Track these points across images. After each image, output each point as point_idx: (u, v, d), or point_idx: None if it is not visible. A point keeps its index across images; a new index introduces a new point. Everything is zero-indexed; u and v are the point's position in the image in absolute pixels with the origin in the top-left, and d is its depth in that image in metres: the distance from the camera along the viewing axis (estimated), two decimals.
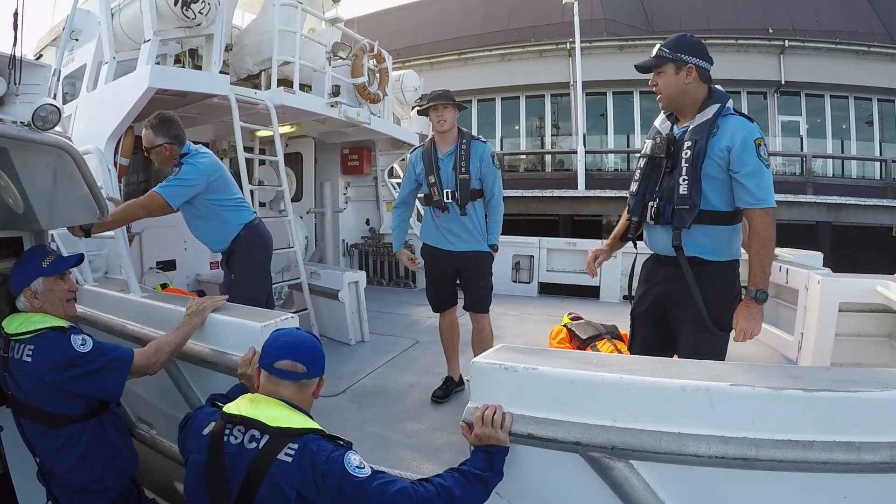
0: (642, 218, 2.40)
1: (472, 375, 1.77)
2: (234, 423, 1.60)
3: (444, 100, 3.32)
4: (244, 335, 2.25)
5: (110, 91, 3.94)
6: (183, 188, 3.04)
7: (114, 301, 3.02)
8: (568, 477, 1.68)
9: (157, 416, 3.01)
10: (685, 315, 2.29)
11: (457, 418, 3.24)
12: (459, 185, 3.34)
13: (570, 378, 1.65)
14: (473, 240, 3.44)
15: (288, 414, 1.61)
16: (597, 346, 4.28)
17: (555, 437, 1.61)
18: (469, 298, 3.54)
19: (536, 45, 17.41)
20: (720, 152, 2.14)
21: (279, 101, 4.77)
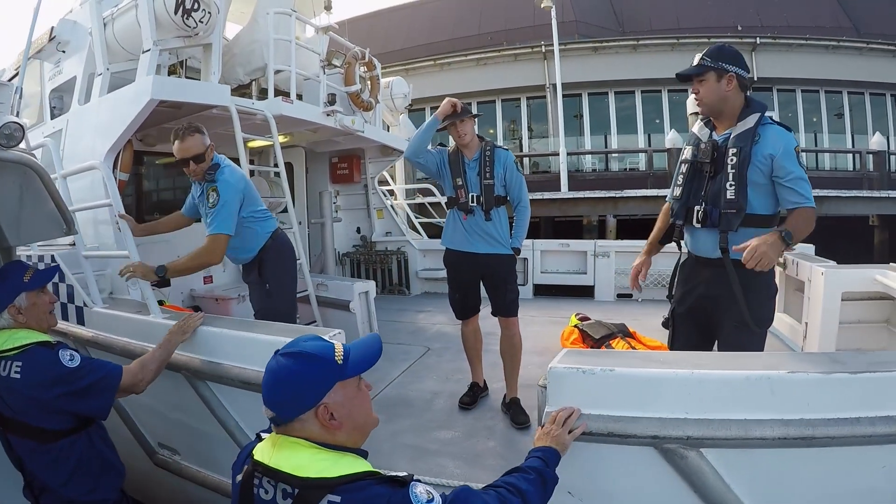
0: (687, 221, 2.45)
1: (549, 381, 1.80)
2: (260, 472, 1.31)
3: (460, 116, 3.32)
4: None
5: (107, 103, 3.79)
6: (232, 214, 2.98)
7: (132, 324, 2.89)
8: (641, 471, 1.77)
9: (182, 440, 2.89)
10: (726, 314, 2.37)
11: (489, 424, 3.41)
12: (484, 191, 3.37)
13: (645, 376, 1.75)
14: (498, 244, 3.43)
15: (318, 458, 1.27)
16: (611, 345, 4.32)
17: (633, 433, 1.69)
18: (498, 303, 3.51)
19: (511, 48, 17.56)
20: (764, 160, 2.22)
21: (278, 110, 4.67)
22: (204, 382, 2.48)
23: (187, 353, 2.52)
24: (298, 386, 1.30)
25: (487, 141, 3.51)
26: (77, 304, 3.37)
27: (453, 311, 3.68)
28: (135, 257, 2.89)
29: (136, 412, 3.09)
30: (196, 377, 2.48)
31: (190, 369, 2.49)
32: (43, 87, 4.80)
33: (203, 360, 2.46)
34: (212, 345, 2.48)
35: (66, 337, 3.39)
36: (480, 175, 3.38)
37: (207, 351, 2.48)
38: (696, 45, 16.38)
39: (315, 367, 1.32)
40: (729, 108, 2.31)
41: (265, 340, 2.29)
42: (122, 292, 3.61)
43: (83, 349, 3.28)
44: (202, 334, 2.54)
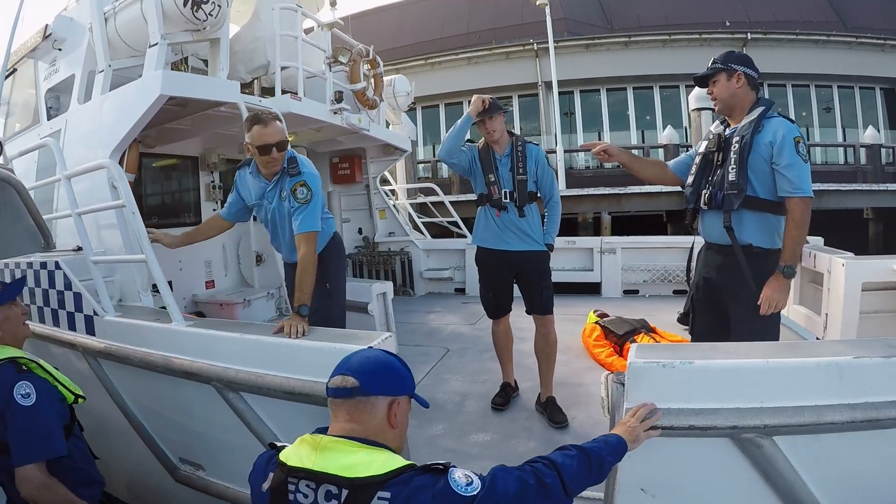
0: (697, 204, 2.64)
1: (628, 377, 1.78)
2: (297, 476, 1.28)
3: (490, 113, 3.25)
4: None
5: (111, 101, 3.61)
6: (319, 207, 2.81)
7: (152, 333, 2.71)
8: (715, 463, 1.78)
9: (207, 455, 2.73)
10: (737, 300, 2.50)
11: (525, 424, 3.33)
12: (518, 186, 3.31)
13: (723, 368, 1.75)
14: (531, 240, 3.36)
15: (364, 456, 1.28)
16: (636, 341, 4.28)
17: (713, 425, 1.69)
18: (533, 301, 3.43)
19: (503, 47, 17.44)
20: (764, 147, 2.39)
21: (286, 108, 4.51)
22: (238, 394, 2.31)
23: (218, 363, 2.36)
24: (395, 375, 1.43)
25: (518, 136, 3.44)
26: (86, 313, 3.18)
27: (485, 310, 3.60)
28: (153, 262, 2.71)
29: (155, 426, 2.92)
30: (229, 388, 2.32)
31: (222, 380, 2.33)
32: (38, 87, 4.59)
33: (238, 369, 2.29)
34: (248, 353, 2.32)
35: (73, 348, 3.21)
36: (513, 170, 3.32)
37: (243, 360, 2.31)
38: (687, 42, 16.49)
39: (406, 373, 1.47)
40: (739, 104, 2.51)
41: (314, 347, 2.16)
42: (132, 300, 3.43)
43: (93, 360, 3.10)
44: (235, 343, 2.38)
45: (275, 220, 2.93)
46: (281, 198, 2.83)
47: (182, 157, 5.79)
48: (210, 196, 6.04)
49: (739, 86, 2.50)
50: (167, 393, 2.69)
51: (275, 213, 2.90)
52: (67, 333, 3.30)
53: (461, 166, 3.40)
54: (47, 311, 3.52)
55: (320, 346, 2.15)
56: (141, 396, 2.93)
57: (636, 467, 1.78)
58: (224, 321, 2.64)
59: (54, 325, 3.45)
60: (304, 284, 2.59)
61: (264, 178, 2.86)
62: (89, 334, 3.15)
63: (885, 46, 16.69)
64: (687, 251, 6.78)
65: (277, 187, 2.83)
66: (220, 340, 2.44)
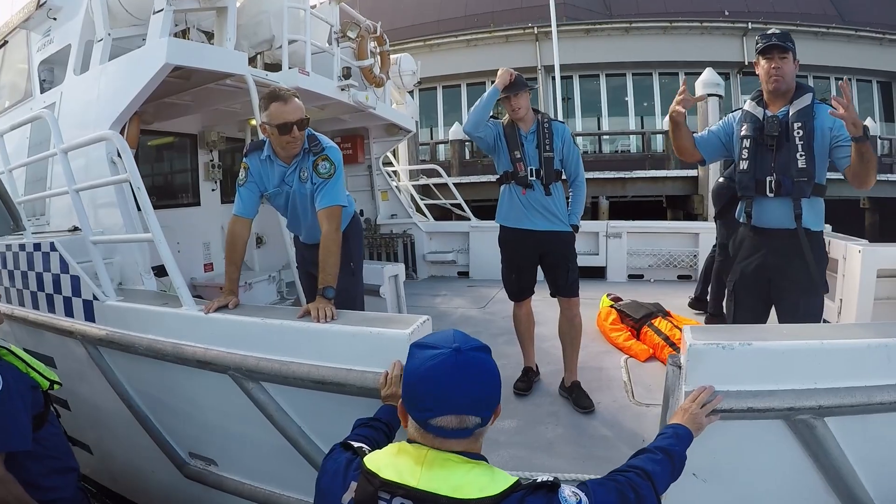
0: (758, 192, 2.57)
1: (687, 359, 1.74)
2: (392, 492, 1.14)
3: (515, 89, 3.15)
4: (386, 347, 1.87)
5: (111, 71, 3.37)
6: (342, 182, 2.62)
7: (161, 319, 2.51)
8: (767, 445, 1.77)
9: (221, 449, 2.55)
10: (793, 281, 2.52)
11: (550, 409, 3.26)
12: (544, 164, 3.20)
13: (780, 349, 1.73)
14: (557, 220, 3.26)
15: (475, 476, 1.16)
16: (653, 324, 4.27)
17: (771, 407, 1.68)
18: (559, 283, 3.33)
19: (502, 30, 17.19)
20: (825, 131, 2.44)
21: (294, 83, 4.27)
22: (258, 384, 2.14)
23: (236, 351, 2.17)
24: (498, 383, 1.24)
25: (543, 113, 3.34)
26: (85, 298, 2.97)
27: (507, 293, 3.51)
28: (161, 241, 2.50)
29: (163, 419, 2.74)
30: (248, 378, 2.14)
31: (241, 369, 2.14)
32: (31, 59, 4.31)
33: (260, 357, 2.11)
34: (271, 340, 2.14)
35: (70, 336, 3.01)
36: (540, 147, 3.22)
37: (265, 347, 2.13)
38: (688, 30, 16.34)
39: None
40: (790, 87, 2.54)
41: (347, 332, 2.00)
42: (134, 283, 3.23)
43: (93, 349, 2.90)
44: (256, 328, 2.19)
45: (294, 203, 2.73)
46: (301, 179, 2.63)
47: (180, 135, 5.55)
48: (209, 175, 5.82)
49: (796, 71, 2.54)
50: (177, 383, 2.51)
51: (295, 197, 2.70)
52: (64, 320, 3.08)
53: (486, 141, 3.28)
54: (41, 296, 3.30)
55: (354, 332, 1.99)
56: (146, 387, 2.74)
57: (690, 453, 1.71)
58: (241, 305, 2.44)
59: (49, 311, 3.24)
60: (329, 265, 2.40)
61: (282, 161, 2.64)
62: (88, 320, 2.94)
63: (883, 40, 16.71)
64: (692, 236, 6.76)
65: (298, 169, 2.63)
66: (238, 326, 2.24)
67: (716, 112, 9.18)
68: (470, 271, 7.34)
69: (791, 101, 2.51)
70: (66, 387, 3.45)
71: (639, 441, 2.88)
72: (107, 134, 2.81)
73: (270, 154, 2.63)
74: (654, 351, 4.07)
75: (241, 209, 2.64)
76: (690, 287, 6.19)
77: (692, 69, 16.99)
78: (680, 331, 4.05)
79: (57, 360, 3.34)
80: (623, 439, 2.93)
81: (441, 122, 18.65)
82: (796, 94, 2.52)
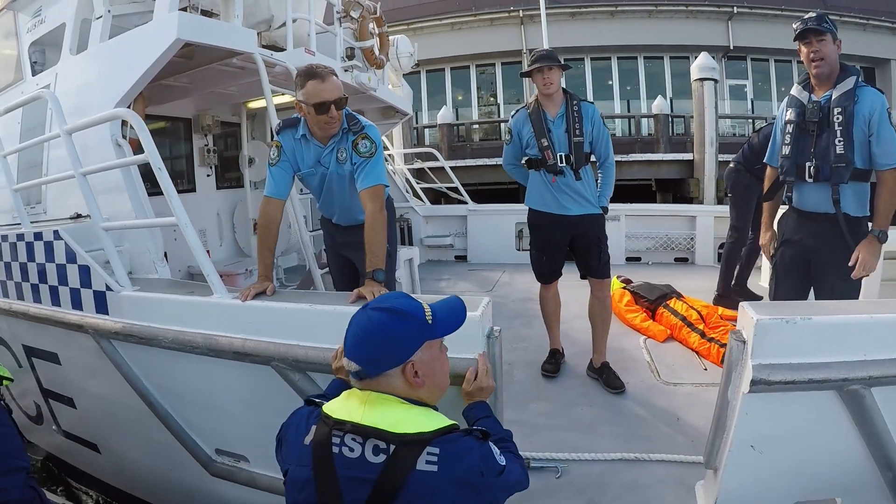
0: (798, 177, 2.64)
1: (755, 333, 1.76)
2: (343, 430, 1.27)
3: (549, 61, 3.09)
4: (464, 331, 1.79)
5: (114, 49, 3.18)
6: (383, 161, 2.53)
7: (190, 308, 2.36)
8: (820, 415, 1.83)
9: (253, 444, 2.42)
10: (831, 265, 2.59)
11: (582, 391, 3.32)
12: (574, 149, 3.16)
13: (835, 323, 1.79)
14: (588, 203, 3.25)
15: (412, 413, 1.29)
16: (668, 305, 4.34)
17: (827, 378, 1.74)
18: (591, 265, 3.33)
19: (487, 13, 16.98)
20: (864, 118, 2.42)
21: (301, 63, 4.08)
22: (305, 375, 2.04)
23: (280, 340, 2.06)
24: (391, 342, 1.31)
25: (572, 94, 3.26)
26: (95, 289, 2.80)
27: (536, 275, 3.51)
28: (187, 224, 2.34)
29: (186, 415, 2.60)
30: (294, 369, 2.03)
31: (286, 360, 2.03)
32: (20, 40, 4.06)
33: (309, 346, 2.00)
34: (321, 328, 2.01)
35: (80, 330, 2.84)
36: (569, 132, 3.16)
37: (313, 335, 2.02)
38: (672, 13, 16.34)
39: (407, 324, 1.33)
40: (834, 69, 2.51)
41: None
42: (145, 271, 3.06)
43: (106, 343, 2.74)
44: (304, 315, 2.08)
45: (331, 185, 2.61)
46: (339, 160, 2.50)
47: (173, 119, 5.33)
48: (204, 161, 5.61)
49: (838, 52, 2.51)
50: (206, 377, 2.37)
51: (332, 178, 2.58)
52: (71, 313, 2.90)
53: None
54: (43, 288, 3.10)
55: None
56: (168, 381, 2.59)
57: (751, 425, 1.82)
58: (282, 291, 2.31)
59: (54, 304, 3.04)
60: (376, 245, 2.32)
61: (318, 140, 2.51)
62: (101, 313, 2.75)
63: (866, 26, 16.87)
64: (689, 219, 6.76)
65: (336, 149, 2.50)
66: (282, 313, 2.12)
67: (711, 96, 9.20)
68: (468, 255, 7.33)
69: (835, 85, 2.50)
70: (72, 384, 3.32)
71: (673, 419, 2.95)
72: (120, 112, 2.63)
73: (306, 133, 2.50)
74: (672, 331, 4.13)
75: (273, 190, 2.51)
76: (688, 269, 6.28)
77: (677, 53, 17.12)
78: (696, 311, 4.19)
79: (61, 357, 3.17)
80: (658, 418, 2.97)
81: (425, 107, 18.43)
82: (840, 76, 2.50)
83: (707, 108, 9.11)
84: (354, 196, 2.56)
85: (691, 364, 3.66)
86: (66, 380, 3.25)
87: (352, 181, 2.53)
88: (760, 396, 1.77)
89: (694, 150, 10.02)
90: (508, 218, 7.19)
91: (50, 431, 3.68)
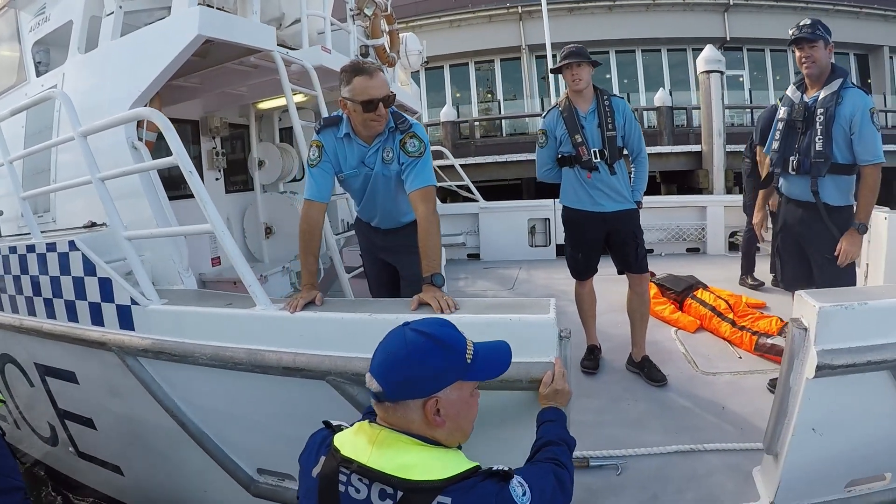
0: (784, 169, 2.92)
1: (818, 321, 1.84)
2: (350, 469, 1.19)
3: (578, 57, 3.11)
4: (530, 333, 1.82)
5: (129, 46, 3.01)
6: (431, 160, 2.43)
7: (231, 322, 2.18)
8: (875, 395, 1.93)
9: None
10: (816, 249, 2.85)
11: (625, 385, 3.30)
12: (608, 144, 3.17)
13: (887, 307, 1.88)
14: (623, 199, 3.27)
15: (423, 457, 1.19)
16: (696, 296, 4.36)
17: (883, 359, 1.83)
18: (629, 261, 3.34)
19: (486, 10, 16.84)
20: (845, 118, 2.65)
21: (318, 61, 3.98)
22: (365, 388, 1.85)
23: (338, 353, 1.92)
24: (422, 370, 1.21)
25: (603, 90, 3.30)
26: (119, 303, 2.61)
27: (571, 272, 3.52)
28: (224, 231, 2.18)
29: (226, 434, 2.43)
30: (355, 382, 1.89)
31: (345, 374, 1.90)
32: (22, 40, 3.87)
33: (366, 358, 1.82)
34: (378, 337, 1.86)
35: (103, 347, 2.65)
36: (602, 127, 3.18)
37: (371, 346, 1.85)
38: (670, 6, 16.31)
39: (444, 356, 1.23)
40: (824, 72, 2.73)
41: (483, 322, 1.84)
42: (168, 282, 2.89)
43: (133, 361, 2.55)
44: (359, 325, 1.94)
45: (375, 186, 2.47)
46: (385, 160, 2.37)
47: (180, 122, 5.11)
48: (212, 164, 5.42)
49: (830, 56, 2.74)
50: (249, 394, 2.21)
51: (376, 180, 2.44)
52: (92, 330, 2.71)
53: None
54: (58, 303, 2.91)
55: (491, 320, 1.83)
56: (203, 400, 2.42)
57: (813, 409, 1.91)
58: (332, 300, 2.16)
59: (71, 320, 2.85)
60: (432, 249, 2.20)
61: (362, 140, 2.38)
62: (125, 328, 2.57)
63: (860, 14, 16.90)
64: (699, 210, 6.69)
65: (381, 149, 2.37)
66: (339, 325, 1.97)
67: (718, 88, 9.14)
68: (481, 253, 7.24)
69: (824, 85, 2.72)
70: (91, 404, 3.12)
71: (718, 409, 2.97)
72: (143, 111, 2.46)
73: (349, 131, 2.36)
74: (702, 322, 4.15)
75: (315, 192, 2.37)
76: (701, 259, 6.26)
77: (674, 46, 17.05)
78: (724, 301, 4.20)
79: (79, 376, 2.99)
80: (703, 408, 2.99)
81: (425, 105, 18.27)
82: (830, 76, 2.72)
83: (714, 99, 9.05)
84: (400, 197, 2.46)
85: (725, 353, 3.68)
86: (85, 400, 3.06)
87: (398, 182, 2.42)
88: (823, 381, 1.83)
89: (702, 142, 9.94)
90: (521, 215, 7.12)
91: (67, 453, 3.49)
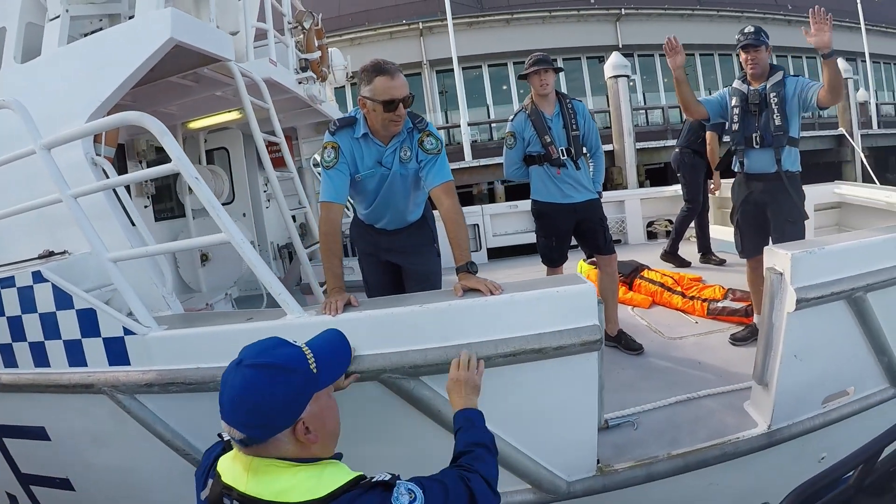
0: (747, 146, 3.36)
1: (792, 265, 2.21)
2: (231, 496, 1.20)
3: (545, 64, 3.47)
4: (576, 304, 1.98)
5: (82, 52, 2.74)
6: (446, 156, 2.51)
7: (262, 335, 1.98)
8: (838, 321, 2.36)
9: None
10: (778, 213, 3.30)
11: (608, 356, 3.16)
12: (573, 142, 3.51)
13: (842, 249, 2.35)
14: (588, 190, 3.61)
15: (299, 478, 1.18)
16: (643, 275, 4.78)
17: (842, 290, 2.27)
18: (599, 244, 3.67)
19: (387, 26, 17.11)
20: (792, 96, 3.21)
21: (267, 74, 3.87)
22: (419, 380, 1.92)
23: (388, 349, 1.91)
24: (277, 404, 1.18)
25: (564, 94, 3.64)
26: (106, 336, 2.34)
27: (544, 260, 3.81)
28: (243, 240, 2.05)
29: None
30: (410, 376, 1.92)
31: (399, 369, 1.90)
32: None
33: (425, 349, 1.91)
34: (428, 328, 1.94)
35: (89, 390, 2.37)
36: (567, 127, 3.50)
37: (420, 337, 1.93)
38: (565, 17, 17.33)
39: (291, 381, 1.21)
40: (765, 69, 3.29)
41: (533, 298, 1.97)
42: (153, 308, 2.62)
43: (130, 400, 2.30)
44: (409, 318, 1.95)
45: (391, 186, 2.50)
46: (402, 159, 2.41)
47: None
48: (141, 191, 4.99)
49: (769, 57, 3.33)
50: None
51: (393, 179, 2.47)
52: (72, 372, 2.41)
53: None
54: (20, 347, 2.57)
55: (539, 295, 1.96)
56: None
57: (793, 339, 2.27)
58: (366, 300, 2.13)
59: (39, 365, 2.53)
60: (462, 239, 2.28)
61: (379, 140, 2.40)
62: (117, 364, 2.32)
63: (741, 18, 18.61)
64: (618, 204, 7.08)
65: (398, 148, 2.41)
66: (390, 320, 1.95)
67: (626, 91, 9.86)
68: None
69: (767, 79, 3.27)
70: (68, 462, 2.73)
71: (694, 364, 3.40)
72: (130, 116, 2.25)
73: (367, 131, 2.37)
74: (654, 297, 4.54)
75: (332, 194, 2.35)
76: (624, 249, 6.63)
77: (569, 55, 18.11)
78: (669, 277, 4.63)
79: (51, 430, 2.65)
80: (684, 366, 3.39)
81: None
82: (770, 72, 3.28)
83: (623, 101, 9.82)
84: (413, 196, 2.57)
85: (682, 321, 4.13)
86: (58, 458, 2.72)
87: (414, 180, 2.49)
88: (800, 314, 2.19)
89: (613, 141, 10.66)
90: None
91: None
